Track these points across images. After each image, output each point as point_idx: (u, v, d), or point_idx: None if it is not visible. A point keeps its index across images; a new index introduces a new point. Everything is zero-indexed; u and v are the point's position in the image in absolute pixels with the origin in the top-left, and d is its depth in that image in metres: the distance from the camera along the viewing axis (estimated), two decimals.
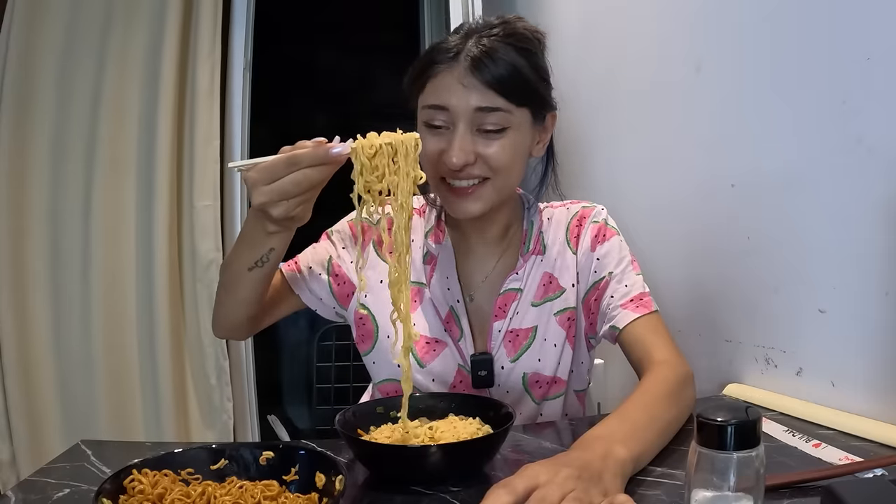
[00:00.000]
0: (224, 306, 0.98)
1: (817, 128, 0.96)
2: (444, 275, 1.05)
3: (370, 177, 0.79)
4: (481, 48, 0.92)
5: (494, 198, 0.96)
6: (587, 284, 1.04)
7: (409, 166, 0.80)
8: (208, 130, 1.97)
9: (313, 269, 1.05)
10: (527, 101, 0.94)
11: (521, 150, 0.96)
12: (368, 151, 0.79)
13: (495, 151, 0.92)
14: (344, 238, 1.08)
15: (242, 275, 0.91)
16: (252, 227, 0.86)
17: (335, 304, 1.07)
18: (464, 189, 0.94)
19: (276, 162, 0.77)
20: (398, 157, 0.80)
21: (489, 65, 0.91)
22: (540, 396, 1.04)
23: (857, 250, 0.91)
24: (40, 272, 1.91)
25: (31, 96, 1.87)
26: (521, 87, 0.93)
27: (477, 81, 0.91)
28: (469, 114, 0.91)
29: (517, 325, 1.03)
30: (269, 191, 0.77)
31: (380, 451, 0.78)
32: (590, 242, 1.04)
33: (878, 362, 0.89)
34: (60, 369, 1.92)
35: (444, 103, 0.92)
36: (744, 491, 0.52)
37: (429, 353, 1.02)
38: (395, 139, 0.80)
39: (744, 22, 1.10)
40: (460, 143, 0.91)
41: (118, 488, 0.66)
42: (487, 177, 0.94)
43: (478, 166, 0.93)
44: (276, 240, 0.87)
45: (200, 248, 1.97)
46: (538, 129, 1.00)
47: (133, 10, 1.91)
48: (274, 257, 0.89)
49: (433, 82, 0.94)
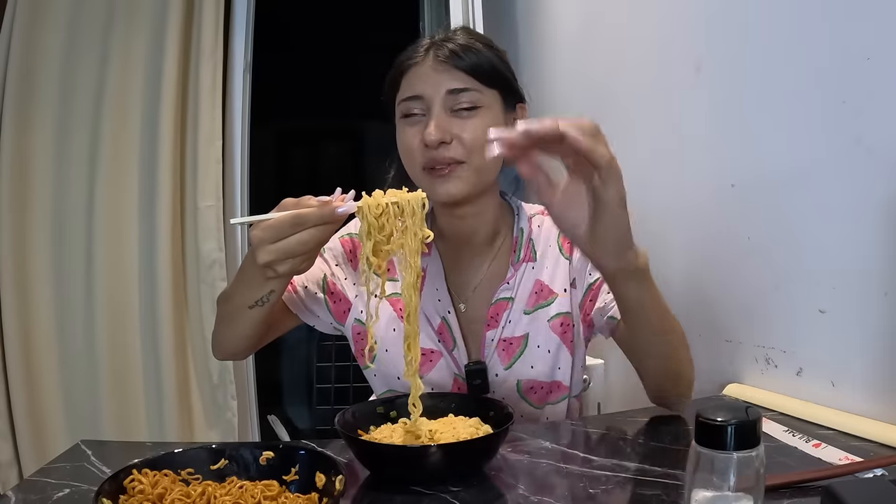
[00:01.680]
0: (224, 336, 0.99)
1: (817, 128, 0.96)
2: (433, 286, 1.05)
3: (379, 236, 0.79)
4: (451, 43, 0.98)
5: (474, 179, 0.98)
6: (583, 288, 1.04)
7: (416, 226, 0.80)
8: (211, 130, 1.97)
9: (309, 289, 1.05)
10: (495, 84, 0.99)
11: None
12: (375, 211, 0.78)
13: (469, 131, 0.96)
14: (337, 255, 1.08)
15: (243, 311, 0.91)
16: (251, 272, 0.86)
17: (332, 321, 1.07)
18: (441, 170, 0.96)
19: (282, 221, 0.76)
20: (405, 216, 0.80)
21: (458, 52, 0.97)
22: (539, 402, 1.03)
23: (857, 250, 0.91)
24: (43, 272, 1.91)
25: (34, 96, 1.88)
26: (489, 70, 0.98)
27: (448, 66, 0.96)
28: (442, 96, 0.96)
29: (510, 334, 1.03)
30: (274, 250, 0.77)
31: (380, 451, 0.78)
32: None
33: (878, 362, 0.89)
34: (64, 369, 1.93)
35: (419, 92, 0.97)
36: (744, 491, 0.52)
37: (424, 363, 1.02)
38: (401, 198, 0.80)
39: (744, 22, 1.10)
40: (436, 121, 0.95)
41: (118, 488, 0.66)
42: (463, 161, 0.96)
43: (453, 148, 0.96)
44: (276, 283, 0.87)
45: (203, 249, 1.97)
46: (510, 118, 1.02)
47: (135, 10, 1.92)
48: (273, 298, 0.89)
49: (406, 77, 0.99)
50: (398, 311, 1.04)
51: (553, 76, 1.76)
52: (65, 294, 1.92)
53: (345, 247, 1.08)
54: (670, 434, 0.89)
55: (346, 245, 1.08)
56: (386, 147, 1.10)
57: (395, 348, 1.02)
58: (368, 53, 2.87)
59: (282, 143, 3.43)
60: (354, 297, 1.06)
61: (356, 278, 1.06)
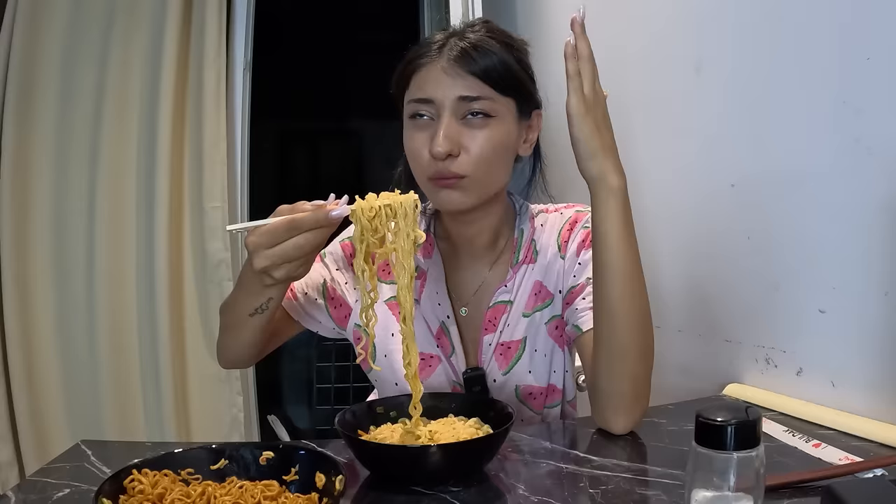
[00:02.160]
0: (227, 346, 0.99)
1: (817, 128, 0.96)
2: (433, 290, 1.03)
3: (372, 238, 0.79)
4: (465, 41, 0.93)
5: (480, 192, 0.94)
6: (566, 289, 1.01)
7: (409, 227, 0.80)
8: (216, 132, 1.97)
9: (309, 295, 1.04)
10: (511, 91, 0.94)
11: (506, 145, 0.95)
12: (368, 213, 0.79)
13: (478, 144, 0.91)
14: (337, 260, 1.07)
15: (244, 319, 0.91)
16: (249, 279, 0.86)
17: (334, 326, 1.07)
18: (446, 181, 0.93)
19: (277, 226, 0.76)
20: (398, 218, 0.80)
21: (472, 55, 0.91)
22: (539, 407, 1.03)
23: (857, 250, 0.91)
24: (45, 273, 1.91)
25: (35, 98, 1.88)
26: (505, 76, 0.93)
27: (461, 71, 0.91)
28: (453, 103, 0.91)
29: (508, 338, 1.01)
30: (271, 255, 0.77)
31: (380, 451, 0.78)
32: (576, 247, 1.01)
33: (878, 362, 0.89)
34: (65, 370, 1.93)
35: (429, 95, 0.92)
36: (744, 491, 0.52)
37: (423, 369, 1.01)
38: (393, 200, 0.80)
39: (744, 22, 1.10)
40: (445, 131, 0.91)
41: (118, 488, 0.66)
42: (468, 175, 0.92)
43: (460, 162, 0.91)
44: (275, 290, 0.87)
45: (210, 249, 1.97)
46: (524, 126, 0.99)
47: (135, 10, 1.91)
48: (273, 305, 0.89)
49: (417, 77, 0.95)
50: (397, 314, 1.03)
51: (553, 76, 1.76)
52: (66, 295, 1.92)
53: (345, 251, 1.07)
54: (670, 434, 0.89)
55: (347, 249, 1.07)
56: (387, 147, 1.09)
57: (394, 353, 1.01)
58: (368, 53, 2.87)
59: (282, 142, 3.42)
60: (355, 302, 1.05)
61: (357, 282, 1.06)
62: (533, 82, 0.99)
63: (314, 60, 3.05)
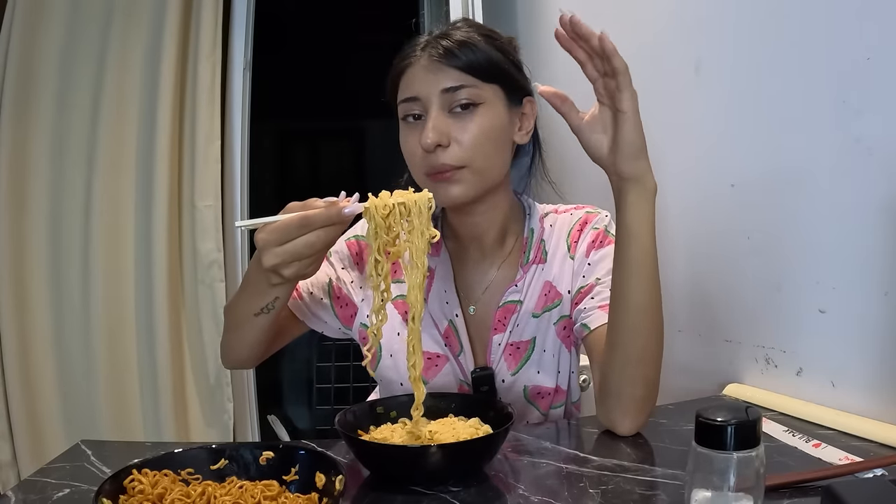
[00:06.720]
0: (231, 346, 0.98)
1: (817, 128, 0.96)
2: (441, 288, 1.03)
3: (386, 237, 0.79)
4: (447, 39, 0.94)
5: (477, 181, 0.94)
6: (575, 289, 1.00)
7: (423, 225, 0.79)
8: (210, 130, 1.96)
9: (314, 294, 1.04)
10: (494, 79, 0.94)
11: (498, 131, 0.95)
12: (382, 211, 0.78)
13: (468, 132, 0.92)
14: (343, 258, 1.06)
15: (249, 319, 0.90)
16: (256, 278, 0.85)
17: (340, 325, 1.06)
18: (443, 175, 0.93)
19: (289, 223, 0.75)
20: (411, 216, 0.79)
21: (454, 50, 0.92)
22: (546, 407, 1.02)
23: (857, 250, 0.91)
24: (41, 272, 1.91)
25: (32, 96, 1.87)
26: (487, 64, 0.94)
27: (443, 65, 0.92)
28: (438, 96, 0.92)
29: (517, 338, 1.01)
30: (281, 252, 0.76)
31: (380, 452, 0.78)
32: (586, 248, 1.01)
33: (878, 362, 0.89)
34: (61, 369, 1.92)
35: (415, 93, 0.94)
36: (744, 491, 0.52)
37: (430, 368, 1.01)
38: (407, 198, 0.79)
39: (744, 22, 1.10)
40: (433, 123, 0.91)
41: (118, 488, 0.66)
42: (463, 165, 0.92)
43: (451, 152, 0.92)
44: (281, 290, 0.86)
45: (202, 249, 1.96)
46: (516, 114, 0.98)
47: (133, 9, 1.91)
48: (279, 304, 0.89)
49: (404, 78, 0.96)
50: (403, 314, 1.02)
51: (553, 75, 1.76)
52: (62, 294, 1.92)
53: (351, 249, 1.07)
54: (670, 434, 0.89)
55: (353, 247, 1.07)
56: (387, 147, 1.09)
57: (399, 354, 1.01)
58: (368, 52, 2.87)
59: (282, 142, 3.42)
60: (360, 301, 1.04)
61: (362, 281, 1.05)
62: (519, 70, 1.00)
63: (315, 60, 3.05)
